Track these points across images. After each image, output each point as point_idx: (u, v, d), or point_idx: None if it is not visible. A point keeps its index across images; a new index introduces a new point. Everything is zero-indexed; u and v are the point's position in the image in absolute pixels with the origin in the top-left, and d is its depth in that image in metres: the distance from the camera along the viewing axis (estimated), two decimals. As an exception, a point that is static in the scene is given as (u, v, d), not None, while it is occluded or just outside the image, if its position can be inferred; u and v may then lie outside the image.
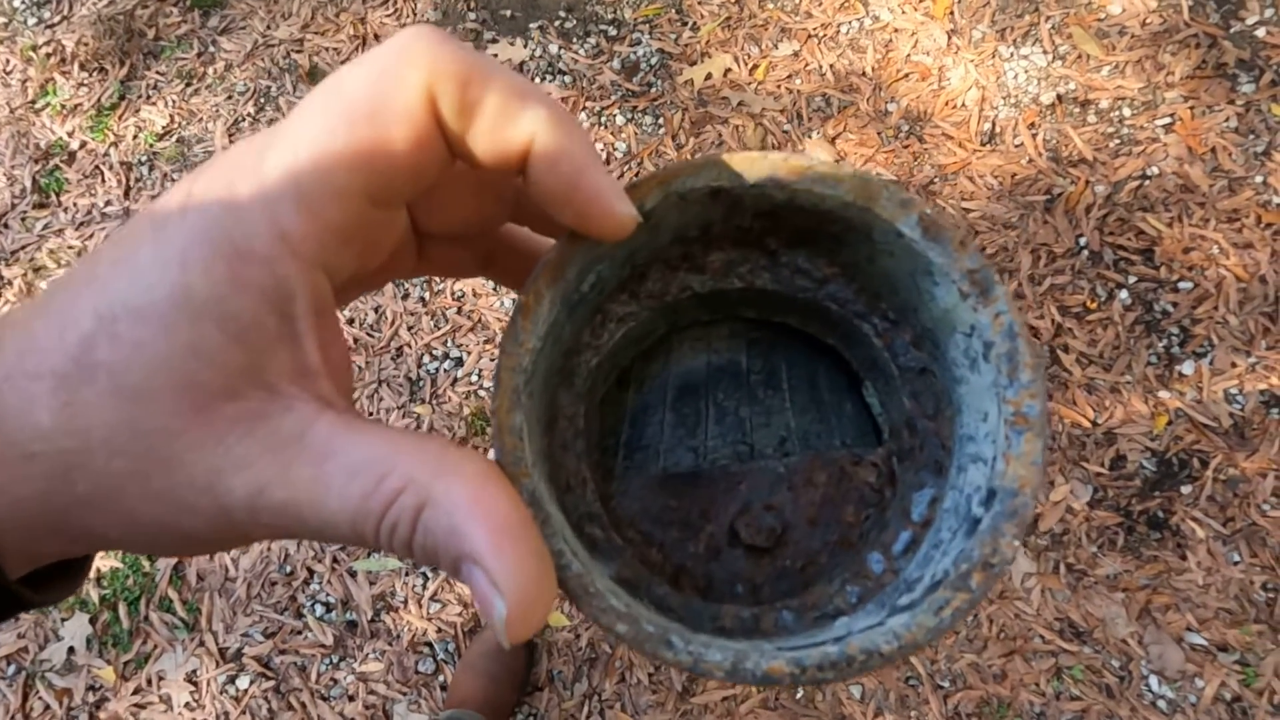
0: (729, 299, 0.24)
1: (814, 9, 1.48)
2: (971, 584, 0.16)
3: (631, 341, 0.24)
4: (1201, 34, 1.35)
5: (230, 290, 0.15)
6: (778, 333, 0.25)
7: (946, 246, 0.19)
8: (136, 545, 0.17)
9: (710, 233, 0.22)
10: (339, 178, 0.15)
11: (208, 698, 1.15)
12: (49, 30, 1.64)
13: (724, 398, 0.25)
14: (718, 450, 0.24)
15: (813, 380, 0.25)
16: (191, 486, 0.15)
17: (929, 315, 0.20)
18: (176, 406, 0.15)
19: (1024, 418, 0.17)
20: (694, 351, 0.25)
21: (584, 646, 1.13)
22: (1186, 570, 1.09)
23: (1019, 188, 1.31)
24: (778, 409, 0.25)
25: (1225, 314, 1.20)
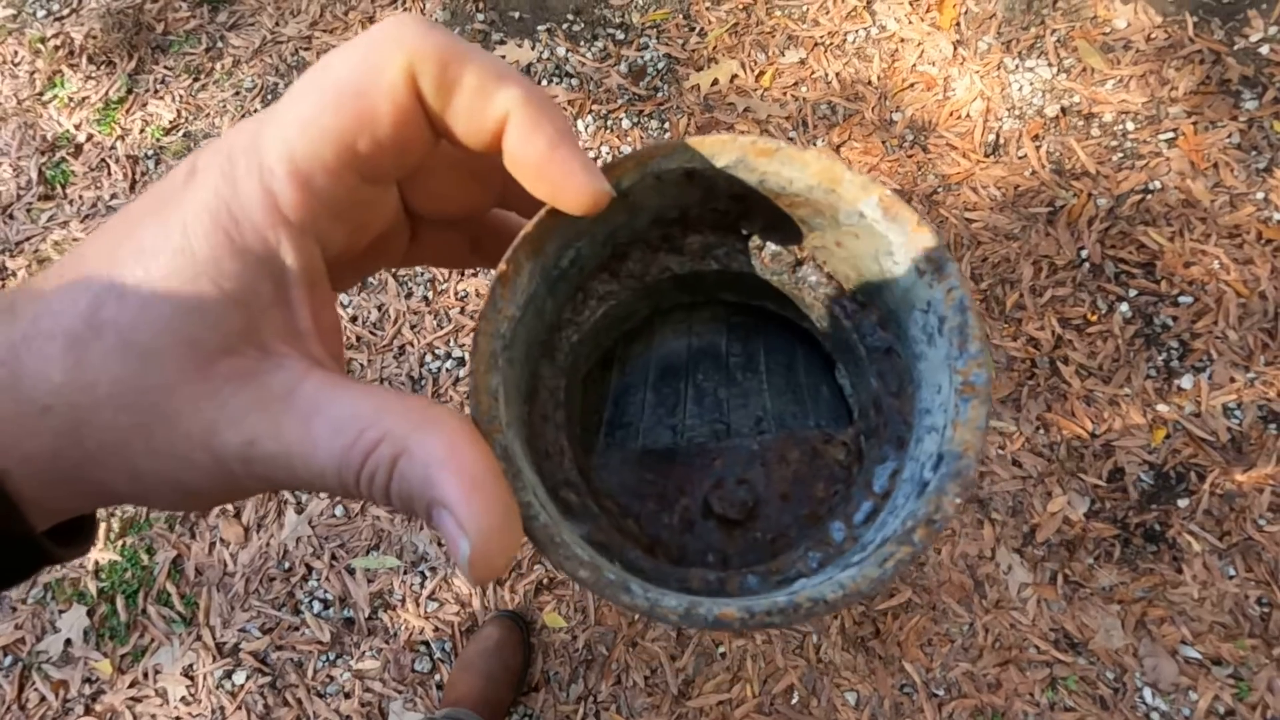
0: (706, 281, 0.24)
1: (821, 17, 1.48)
2: (915, 538, 0.17)
3: (614, 322, 0.24)
4: (1206, 50, 1.36)
5: (228, 256, 0.16)
6: (757, 318, 0.26)
7: (905, 226, 0.19)
8: (142, 499, 0.17)
9: (688, 216, 0.22)
10: (328, 152, 0.16)
11: (204, 692, 1.15)
12: (58, 23, 1.64)
13: (704, 379, 0.26)
14: (696, 429, 0.25)
15: (790, 364, 0.26)
16: (189, 440, 0.16)
17: (892, 295, 0.21)
18: (178, 363, 0.16)
19: (971, 386, 0.17)
20: (676, 334, 0.26)
21: (580, 648, 1.13)
22: (1182, 583, 1.10)
23: (1022, 199, 1.32)
24: (755, 391, 0.25)
25: (1225, 329, 1.21)
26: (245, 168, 0.16)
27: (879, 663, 1.11)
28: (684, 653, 1.13)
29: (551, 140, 0.17)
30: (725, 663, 1.12)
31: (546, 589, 1.17)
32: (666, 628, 1.14)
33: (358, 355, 1.32)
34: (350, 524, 1.23)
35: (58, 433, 0.16)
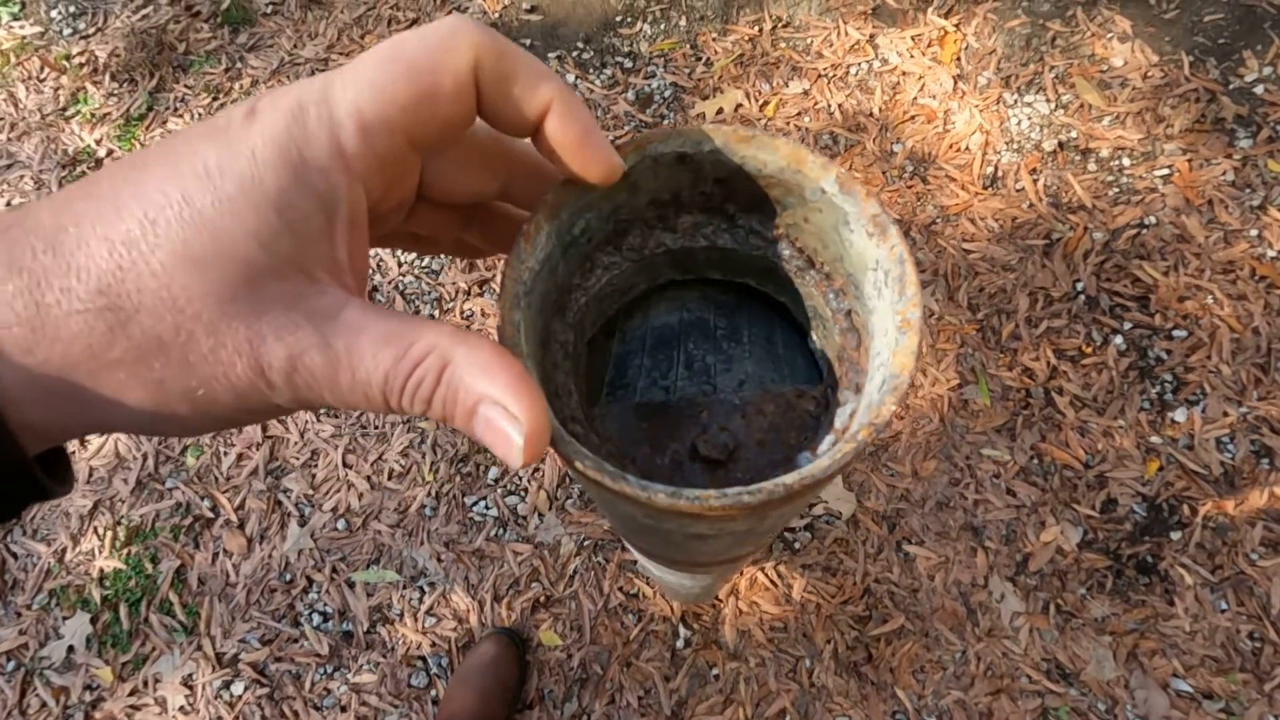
0: (696, 257, 0.28)
1: (825, 50, 1.52)
2: (859, 437, 0.20)
3: (616, 292, 0.28)
4: (1201, 89, 1.39)
5: (292, 188, 0.17)
6: (741, 296, 0.30)
7: (856, 198, 0.22)
8: (149, 418, 0.18)
9: (680, 199, 0.26)
10: (394, 115, 0.18)
11: (202, 702, 1.16)
12: (83, 41, 1.69)
13: (693, 348, 0.30)
14: (686, 389, 0.29)
15: (769, 336, 0.29)
16: (232, 350, 0.17)
17: (850, 261, 0.24)
18: (230, 278, 0.17)
19: (908, 321, 0.20)
20: (670, 309, 0.30)
21: (575, 666, 1.15)
22: (1174, 616, 1.11)
23: (1019, 231, 1.34)
24: (739, 358, 0.29)
25: (1218, 363, 1.22)
26: (316, 116, 0.18)
27: (871, 688, 1.11)
28: (678, 673, 1.14)
29: (585, 124, 0.20)
30: (719, 684, 1.13)
31: (543, 606, 1.19)
32: (660, 650, 1.15)
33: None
34: (352, 537, 1.24)
35: (84, 336, 0.16)
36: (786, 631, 1.15)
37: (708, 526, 0.22)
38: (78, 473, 1.31)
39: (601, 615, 1.17)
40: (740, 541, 0.27)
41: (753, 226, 0.27)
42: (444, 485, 1.26)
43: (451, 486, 1.26)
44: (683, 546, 0.28)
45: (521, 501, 1.25)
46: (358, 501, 1.26)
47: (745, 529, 0.23)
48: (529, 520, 1.23)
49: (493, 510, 1.24)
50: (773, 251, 0.27)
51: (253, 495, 1.28)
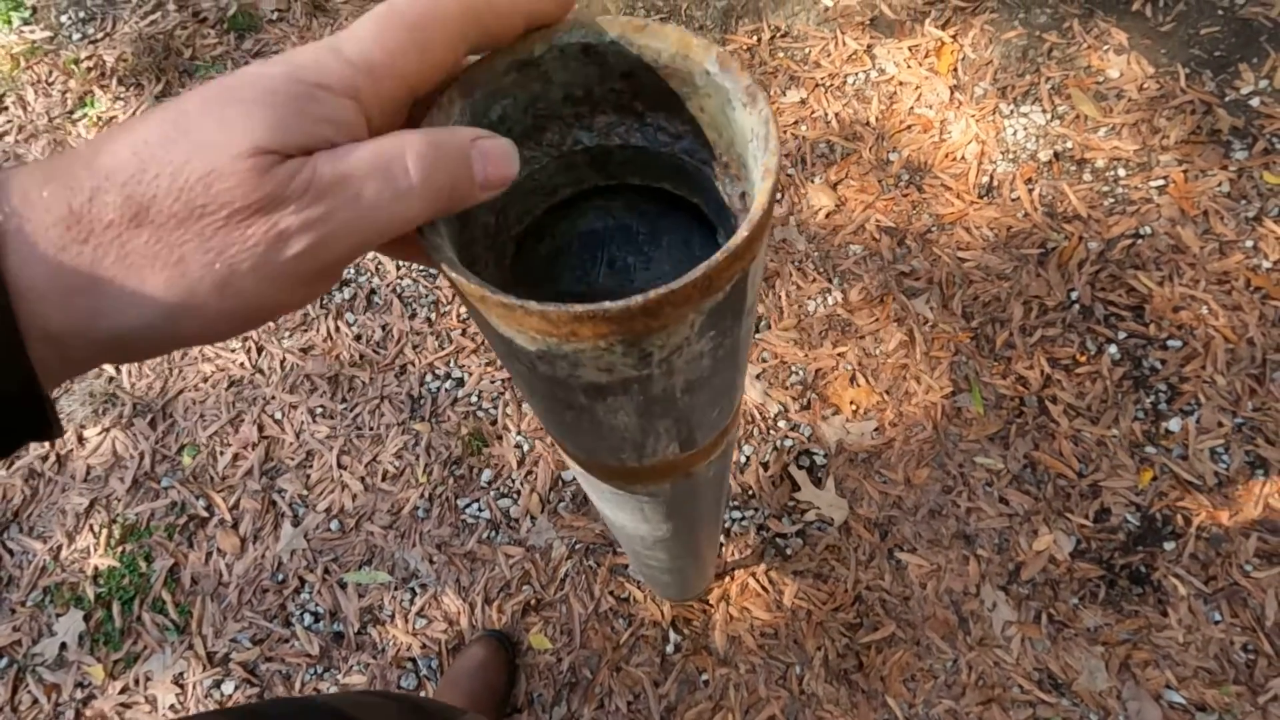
0: (613, 157, 0.29)
1: (823, 59, 1.53)
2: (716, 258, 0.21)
3: (539, 189, 0.30)
4: (1197, 101, 1.39)
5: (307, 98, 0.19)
6: (664, 205, 0.32)
7: (733, 74, 0.23)
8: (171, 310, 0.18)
9: (593, 95, 0.27)
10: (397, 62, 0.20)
11: (192, 701, 1.17)
12: (92, 45, 1.72)
13: (616, 250, 0.31)
14: (604, 285, 0.31)
15: (687, 241, 0.32)
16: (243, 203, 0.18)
17: (738, 139, 0.25)
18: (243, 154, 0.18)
19: (769, 170, 0.22)
20: (595, 216, 0.32)
21: (565, 671, 1.14)
22: (1167, 627, 1.10)
23: (1014, 240, 1.35)
24: (658, 259, 0.31)
25: (1213, 374, 1.22)
26: (330, 57, 0.20)
27: (861, 696, 1.11)
28: (667, 679, 1.13)
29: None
30: (708, 690, 1.13)
31: (534, 610, 1.19)
32: (650, 655, 1.15)
33: (360, 373, 1.35)
34: (344, 538, 1.25)
35: (117, 223, 0.17)
36: (777, 638, 1.15)
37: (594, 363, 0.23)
38: (75, 471, 1.32)
39: (592, 619, 1.17)
40: (648, 411, 0.28)
41: (660, 123, 0.28)
42: (437, 487, 1.27)
43: (444, 489, 1.27)
44: (593, 419, 0.29)
45: (514, 504, 1.25)
46: (351, 502, 1.27)
47: (636, 374, 0.24)
48: (521, 523, 1.24)
49: (485, 513, 1.25)
50: (680, 147, 0.28)
51: (247, 495, 1.29)
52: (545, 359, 0.23)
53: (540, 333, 0.21)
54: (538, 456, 1.27)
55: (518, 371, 0.27)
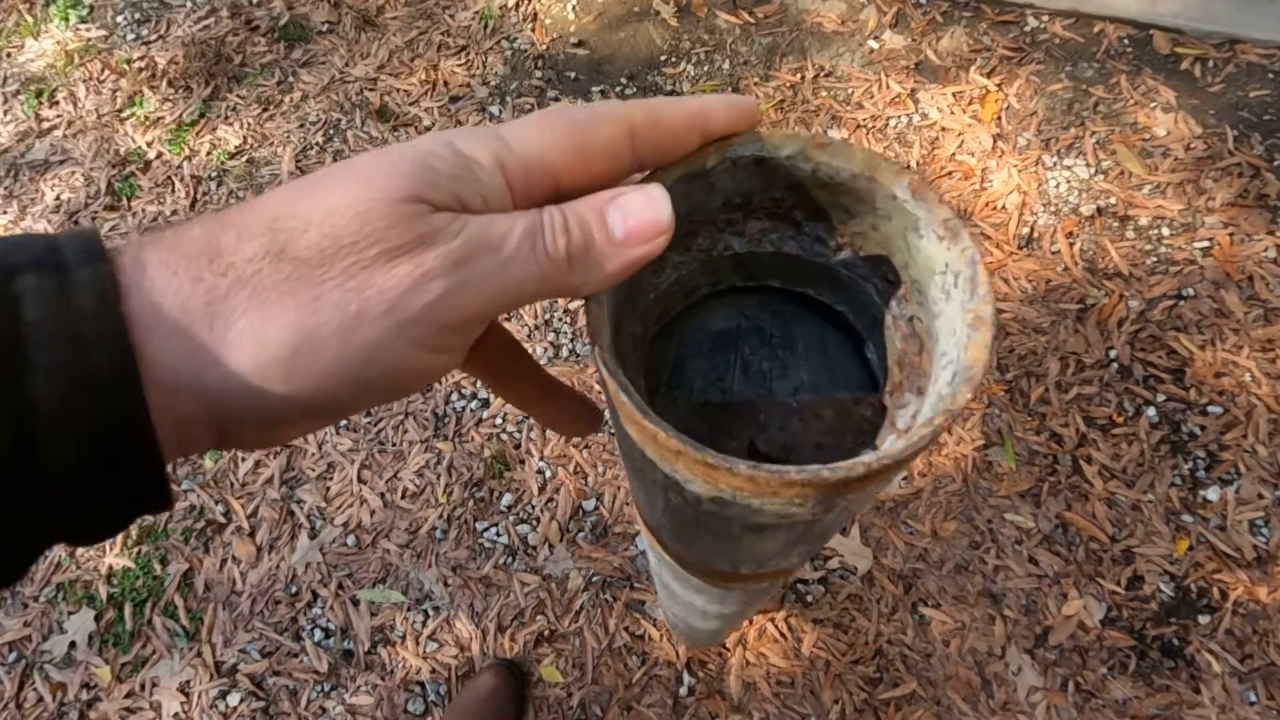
0: (760, 262, 0.29)
1: (865, 101, 1.53)
2: (934, 422, 0.20)
3: (680, 292, 0.29)
4: (1245, 164, 1.38)
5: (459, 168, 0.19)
6: (799, 307, 0.31)
7: (929, 204, 0.23)
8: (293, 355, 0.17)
9: (751, 203, 0.26)
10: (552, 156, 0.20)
11: (197, 710, 1.15)
12: (145, 46, 1.75)
13: (750, 353, 0.30)
14: (741, 391, 0.29)
15: (824, 347, 0.30)
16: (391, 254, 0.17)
17: (916, 267, 0.24)
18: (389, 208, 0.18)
19: (981, 318, 0.21)
20: (728, 315, 0.31)
21: (575, 706, 1.12)
22: (1199, 705, 1.06)
23: (1052, 294, 1.33)
24: (794, 366, 0.30)
25: (1254, 443, 1.19)
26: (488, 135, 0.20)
27: (878, 755, 1.08)
28: (679, 722, 1.11)
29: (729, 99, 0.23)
30: (720, 737, 1.10)
31: (547, 641, 1.17)
32: (662, 696, 1.12)
33: (386, 387, 1.35)
34: (360, 554, 1.24)
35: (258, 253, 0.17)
36: (793, 687, 1.12)
37: (774, 512, 0.22)
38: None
39: (605, 654, 1.15)
40: (795, 541, 0.27)
41: (818, 234, 0.27)
42: (456, 509, 1.26)
43: (464, 510, 1.25)
44: (736, 544, 0.28)
45: (533, 531, 1.23)
46: (369, 518, 1.26)
47: (809, 519, 0.23)
48: (539, 551, 1.22)
49: (503, 538, 1.23)
50: (837, 259, 0.28)
51: (266, 504, 1.28)
52: (718, 502, 0.22)
53: (733, 487, 0.20)
54: (560, 484, 1.26)
55: (666, 501, 0.25)
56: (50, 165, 1.63)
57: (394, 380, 0.18)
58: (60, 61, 1.75)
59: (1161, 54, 1.50)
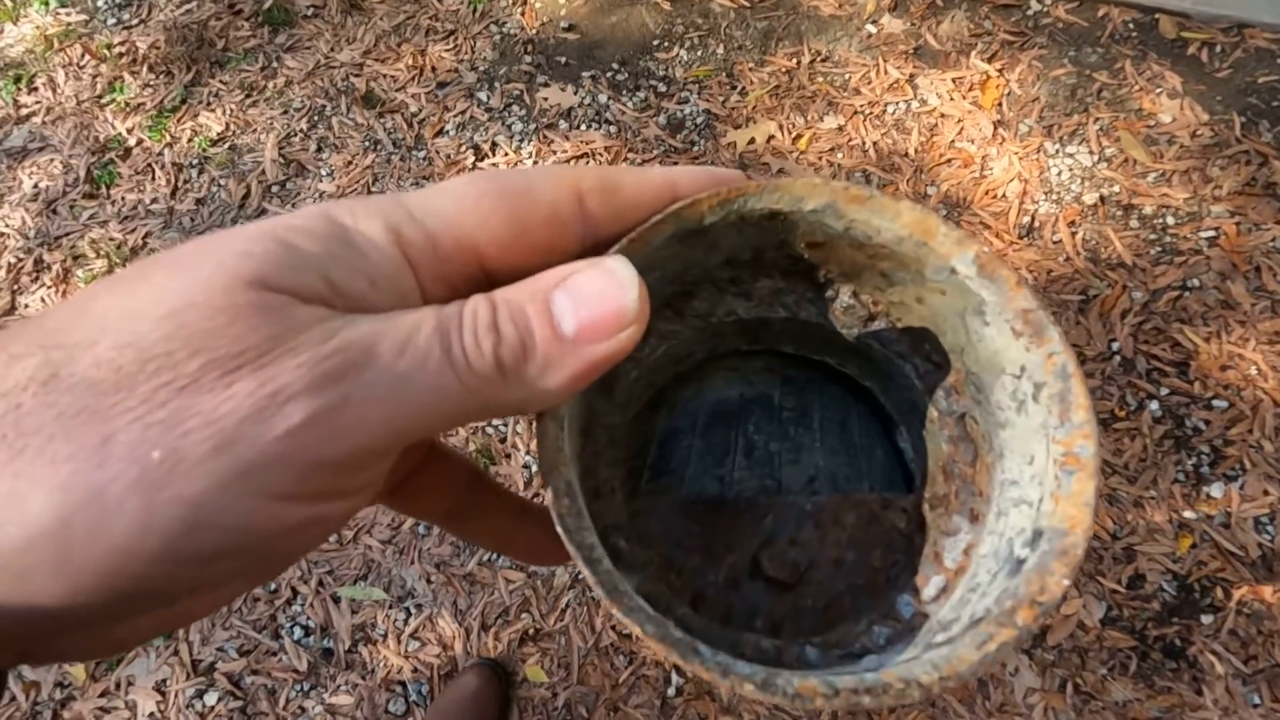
0: (771, 328, 0.24)
1: (863, 87, 1.49)
2: (1017, 620, 0.15)
3: (671, 361, 0.24)
4: (1253, 151, 1.34)
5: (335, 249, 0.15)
6: (814, 371, 0.25)
7: (1001, 285, 0.18)
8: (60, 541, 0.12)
9: (762, 258, 0.22)
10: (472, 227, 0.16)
11: (173, 710, 1.12)
12: (126, 31, 1.71)
13: (754, 431, 0.25)
14: (744, 482, 0.24)
15: (844, 422, 0.25)
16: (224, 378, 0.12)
17: (974, 357, 0.20)
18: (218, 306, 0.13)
19: (1076, 458, 0.16)
20: (728, 382, 0.25)
21: (560, 707, 1.09)
22: (1201, 707, 1.03)
23: (1054, 285, 1.30)
24: (808, 447, 0.24)
25: (1260, 438, 1.16)
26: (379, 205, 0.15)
27: (871, 757, 1.05)
28: (667, 723, 1.08)
29: (707, 171, 0.19)
30: (709, 739, 1.07)
31: (532, 640, 1.14)
32: (650, 697, 1.09)
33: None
34: (341, 551, 1.21)
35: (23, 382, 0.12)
36: (784, 688, 1.09)
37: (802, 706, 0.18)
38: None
39: (591, 654, 1.12)
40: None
41: (845, 301, 0.23)
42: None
43: (448, 505, 1.22)
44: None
45: (518, 527, 1.20)
46: (351, 513, 1.23)
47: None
48: (524, 547, 1.19)
49: (488, 534, 1.20)
50: (866, 331, 0.23)
51: (246, 498, 1.25)
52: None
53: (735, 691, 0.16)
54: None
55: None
56: (29, 152, 1.60)
57: (248, 550, 0.13)
58: (39, 46, 1.71)
59: (1167, 38, 1.46)
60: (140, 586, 0.12)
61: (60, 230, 1.50)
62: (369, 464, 0.14)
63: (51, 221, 1.51)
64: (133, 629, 0.14)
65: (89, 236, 1.50)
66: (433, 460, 0.21)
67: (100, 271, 1.45)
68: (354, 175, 1.51)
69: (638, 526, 0.23)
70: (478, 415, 0.14)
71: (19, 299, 1.45)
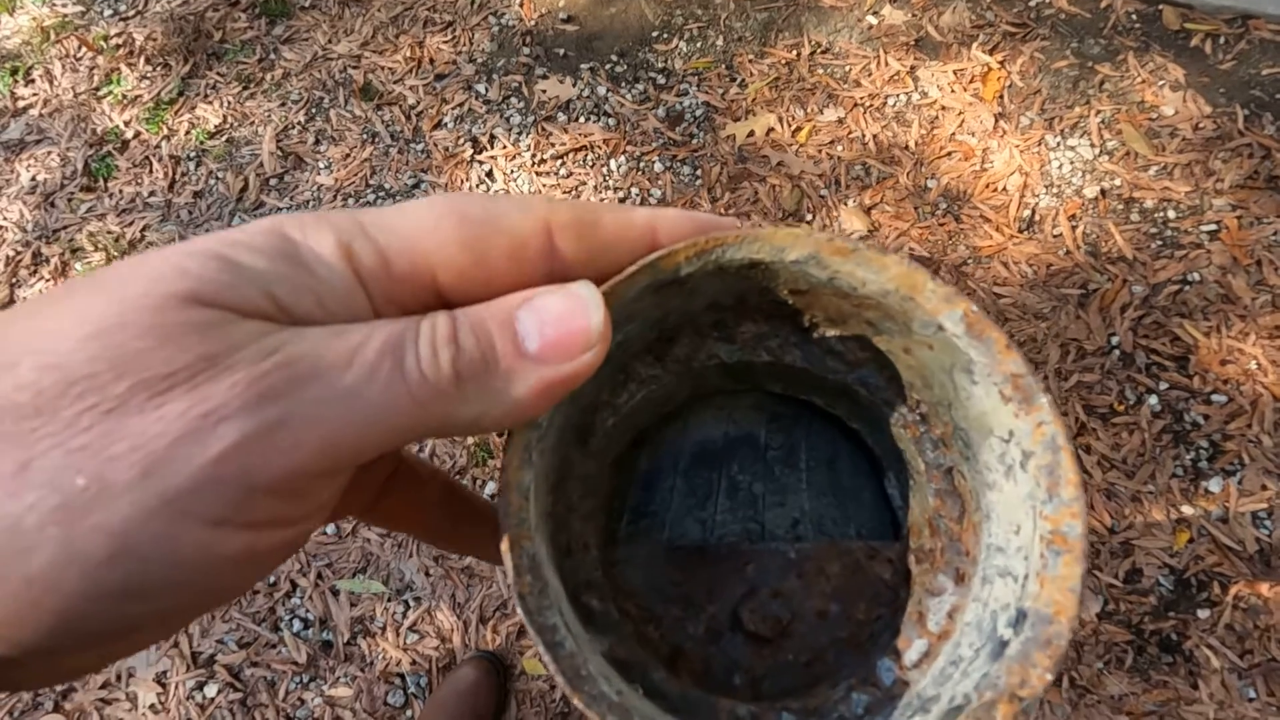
0: (755, 371, 0.23)
1: (863, 79, 1.48)
2: (996, 716, 0.15)
3: (652, 405, 0.23)
4: (1255, 144, 1.33)
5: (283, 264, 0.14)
6: (801, 410, 0.24)
7: (990, 347, 0.18)
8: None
9: (745, 303, 0.21)
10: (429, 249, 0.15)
11: (174, 702, 1.13)
12: (122, 23, 1.70)
13: (739, 471, 0.24)
14: (727, 526, 0.23)
15: (832, 464, 0.24)
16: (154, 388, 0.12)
17: (963, 414, 0.19)
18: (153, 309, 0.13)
19: (1063, 538, 0.16)
20: (713, 421, 0.25)
21: (558, 700, 1.10)
22: (1197, 701, 1.04)
23: (1054, 279, 1.29)
24: (793, 489, 0.24)
25: (1259, 433, 1.15)
26: (333, 223, 0.15)
27: (867, 750, 1.05)
28: (664, 716, 1.09)
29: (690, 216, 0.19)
30: (706, 731, 1.08)
31: (530, 633, 1.14)
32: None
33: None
34: (340, 544, 1.21)
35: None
36: (781, 681, 1.10)
37: None
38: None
39: (589, 647, 1.12)
40: None
41: (831, 345, 0.22)
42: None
43: (446, 499, 1.23)
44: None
45: (516, 520, 1.21)
46: (350, 507, 1.23)
47: None
48: (522, 541, 1.19)
49: (486, 527, 1.20)
50: (854, 376, 0.22)
51: (244, 492, 1.25)
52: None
53: None
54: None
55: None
56: (26, 145, 1.59)
57: (180, 583, 0.12)
58: (36, 38, 1.70)
59: (1171, 30, 1.45)
60: (70, 624, 0.11)
61: (58, 223, 1.50)
62: (312, 487, 0.13)
63: (49, 214, 1.51)
64: (74, 662, 0.13)
65: (87, 229, 1.49)
66: (400, 478, 0.20)
67: (99, 264, 1.45)
68: (352, 168, 1.50)
69: (614, 577, 0.22)
70: (429, 432, 0.14)
71: (17, 292, 1.45)
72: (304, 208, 1.48)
